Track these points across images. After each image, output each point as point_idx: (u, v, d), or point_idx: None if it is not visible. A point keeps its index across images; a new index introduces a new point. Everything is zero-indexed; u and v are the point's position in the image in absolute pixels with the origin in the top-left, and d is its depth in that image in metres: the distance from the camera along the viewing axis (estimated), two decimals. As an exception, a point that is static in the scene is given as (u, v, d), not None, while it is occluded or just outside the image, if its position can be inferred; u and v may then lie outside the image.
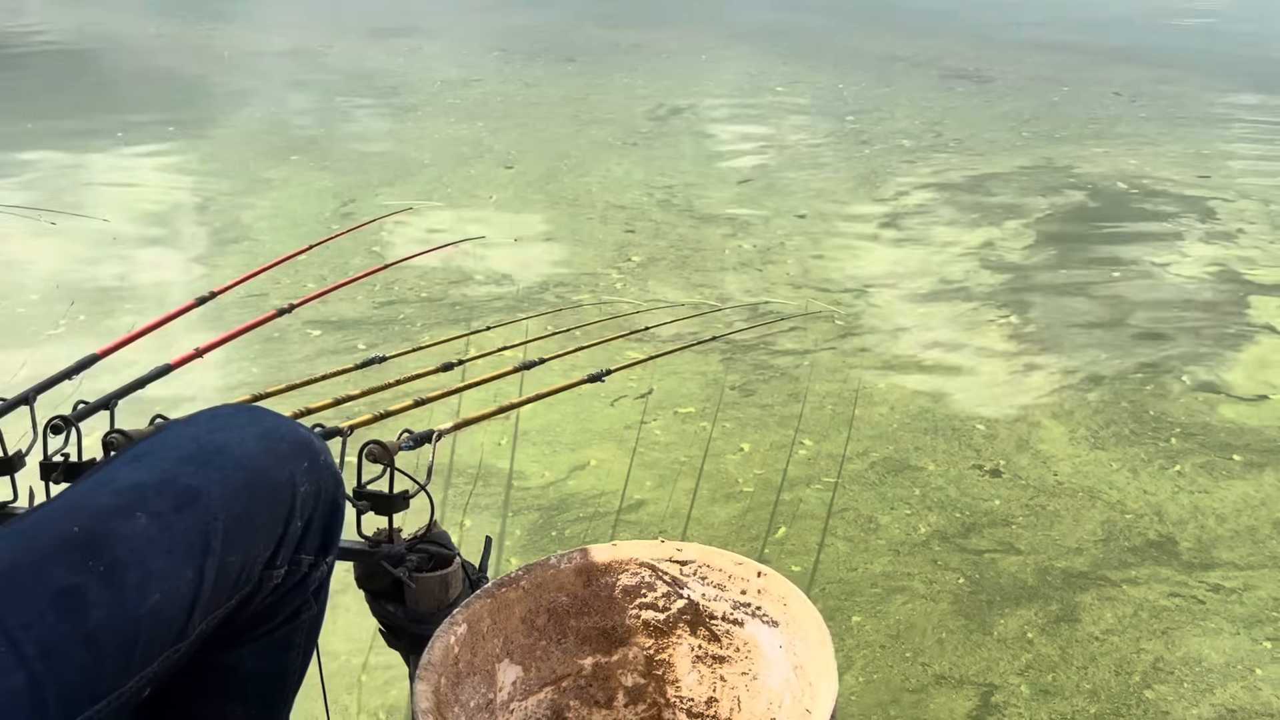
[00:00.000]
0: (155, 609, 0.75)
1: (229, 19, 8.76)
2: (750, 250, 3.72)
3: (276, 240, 3.72)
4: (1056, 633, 1.88)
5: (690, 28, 8.69)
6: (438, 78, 6.60)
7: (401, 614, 1.08)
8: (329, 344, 2.90)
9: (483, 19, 9.07)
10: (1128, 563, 2.07)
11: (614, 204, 4.19)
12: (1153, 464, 2.41)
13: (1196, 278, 3.56)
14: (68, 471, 1.05)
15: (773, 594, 1.05)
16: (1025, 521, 2.20)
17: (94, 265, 3.48)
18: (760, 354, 2.91)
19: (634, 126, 5.44)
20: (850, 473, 2.35)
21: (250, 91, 6.18)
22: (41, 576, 0.72)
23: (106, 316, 3.09)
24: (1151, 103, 6.23)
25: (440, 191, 4.31)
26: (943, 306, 3.30)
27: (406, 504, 1.08)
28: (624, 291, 3.31)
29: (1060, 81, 6.75)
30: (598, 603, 1.11)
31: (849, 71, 7.01)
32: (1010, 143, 5.29)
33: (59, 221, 3.80)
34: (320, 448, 0.93)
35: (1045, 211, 4.23)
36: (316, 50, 7.47)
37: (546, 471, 2.32)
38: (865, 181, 4.58)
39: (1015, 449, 2.47)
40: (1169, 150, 5.17)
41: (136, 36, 7.89)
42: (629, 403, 2.61)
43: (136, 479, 0.81)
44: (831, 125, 5.59)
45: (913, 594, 1.97)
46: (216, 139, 5.14)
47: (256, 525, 0.85)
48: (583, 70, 6.89)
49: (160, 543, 0.77)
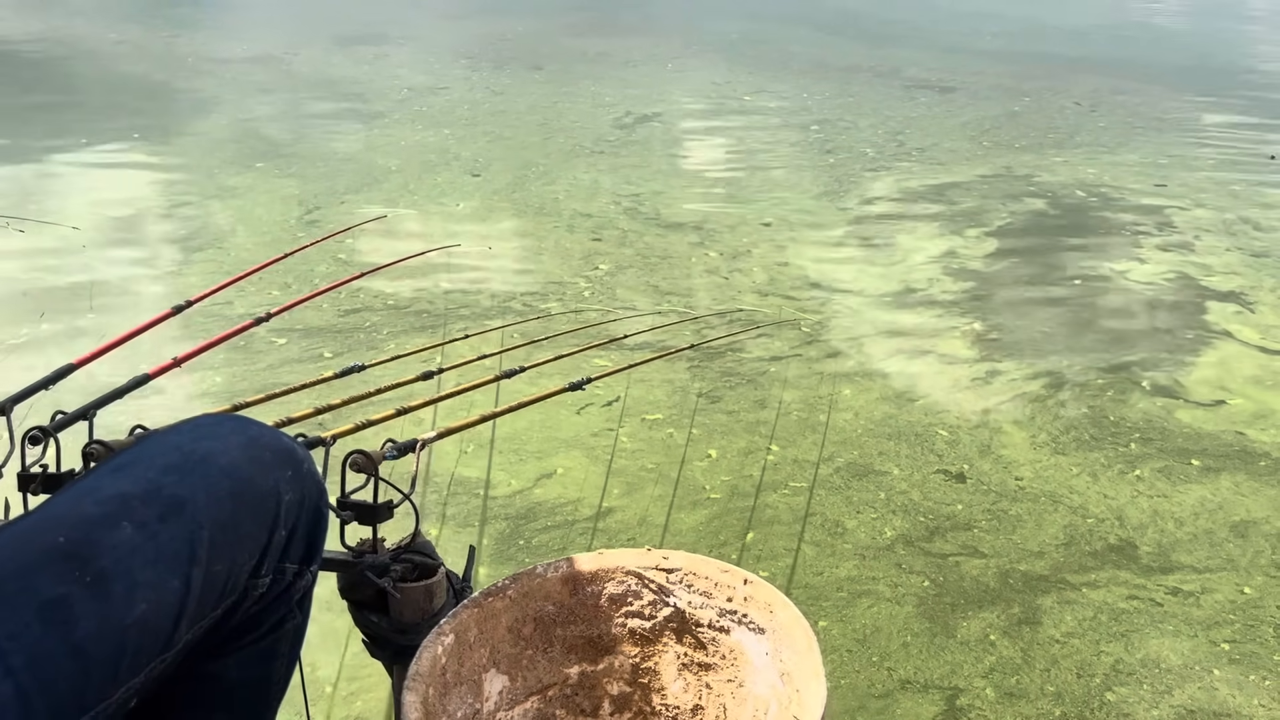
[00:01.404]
0: (142, 619, 0.75)
1: (192, 25, 8.67)
2: (716, 258, 3.74)
3: (241, 248, 3.68)
4: (1019, 635, 1.90)
5: (657, 37, 8.73)
6: (404, 85, 6.57)
7: (385, 624, 1.07)
8: (294, 352, 2.88)
9: (449, 27, 9.05)
10: (1088, 566, 2.10)
11: (581, 212, 4.19)
12: (1112, 469, 2.45)
13: (1154, 284, 3.62)
14: (46, 483, 1.04)
15: (759, 601, 1.05)
16: (988, 525, 2.22)
17: (61, 273, 3.43)
18: (727, 361, 2.92)
19: (601, 135, 5.45)
20: (816, 477, 2.37)
21: (214, 98, 6.12)
22: (27, 587, 0.71)
23: (75, 321, 3.04)
24: (1110, 112, 6.35)
25: (406, 199, 4.29)
26: (906, 313, 3.33)
27: (391, 514, 1.07)
28: (592, 300, 3.31)
29: (1021, 91, 6.85)
30: (584, 611, 1.11)
31: (814, 81, 7.07)
32: (971, 152, 5.36)
33: (26, 229, 3.74)
34: (304, 456, 0.93)
35: (1006, 220, 4.29)
36: (281, 57, 7.41)
37: (514, 480, 2.32)
38: (829, 190, 4.62)
39: (978, 454, 2.50)
40: (1126, 159, 5.27)
41: (99, 42, 7.78)
42: (596, 410, 2.61)
43: (121, 489, 0.80)
44: (796, 134, 5.64)
45: (878, 597, 1.99)
46: (181, 146, 5.08)
47: (242, 534, 0.84)
48: (550, 79, 6.90)
49: (146, 552, 0.77)
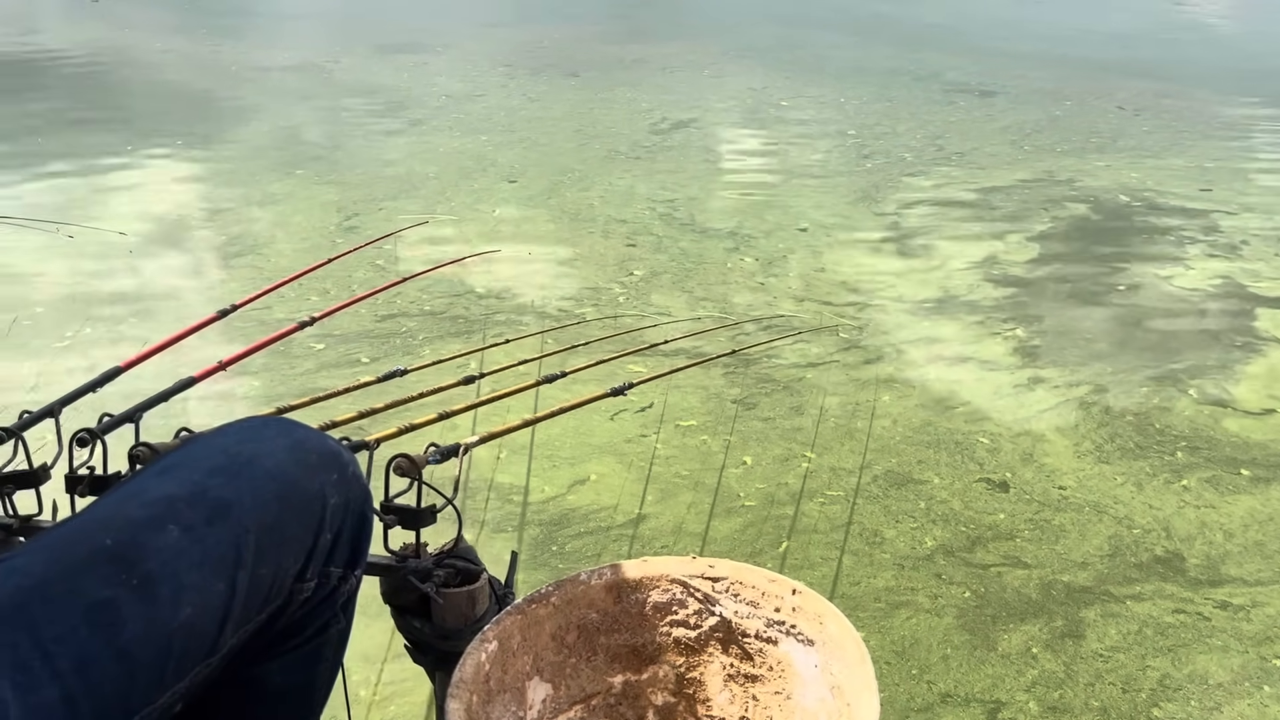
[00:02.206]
0: (188, 623, 0.75)
1: (235, 35, 8.82)
2: (752, 264, 3.72)
3: (280, 254, 3.73)
4: (1062, 649, 1.86)
5: (694, 43, 8.73)
6: (442, 92, 6.62)
7: (428, 630, 1.07)
8: (332, 357, 2.90)
9: (487, 35, 9.11)
10: (1133, 578, 2.05)
11: (616, 218, 4.19)
12: (1158, 478, 2.40)
13: (1201, 290, 3.55)
14: (93, 484, 1.05)
15: (808, 612, 1.03)
16: (1030, 536, 2.18)
17: (107, 277, 3.49)
18: (763, 367, 2.90)
19: (637, 141, 5.45)
20: (853, 486, 2.34)
21: (257, 106, 6.21)
22: (74, 590, 0.71)
23: (119, 325, 3.09)
24: (1154, 116, 6.24)
25: (444, 205, 4.31)
26: (946, 319, 3.29)
27: (434, 518, 1.06)
28: (627, 305, 3.31)
29: (1063, 95, 6.76)
30: (628, 619, 1.09)
31: (851, 86, 7.03)
32: (1012, 156, 5.29)
33: (74, 234, 3.82)
34: (349, 459, 0.93)
35: (1047, 225, 4.22)
36: (323, 65, 7.50)
37: (548, 485, 2.31)
38: (867, 195, 4.58)
39: (1020, 462, 2.46)
40: (1171, 163, 5.17)
41: (145, 52, 7.93)
42: (630, 416, 2.60)
43: (167, 491, 0.80)
44: (833, 139, 5.60)
45: (918, 608, 1.96)
46: (223, 153, 5.16)
47: (287, 537, 0.84)
48: (586, 85, 6.92)
49: (192, 555, 0.77)
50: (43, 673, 0.67)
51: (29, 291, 3.36)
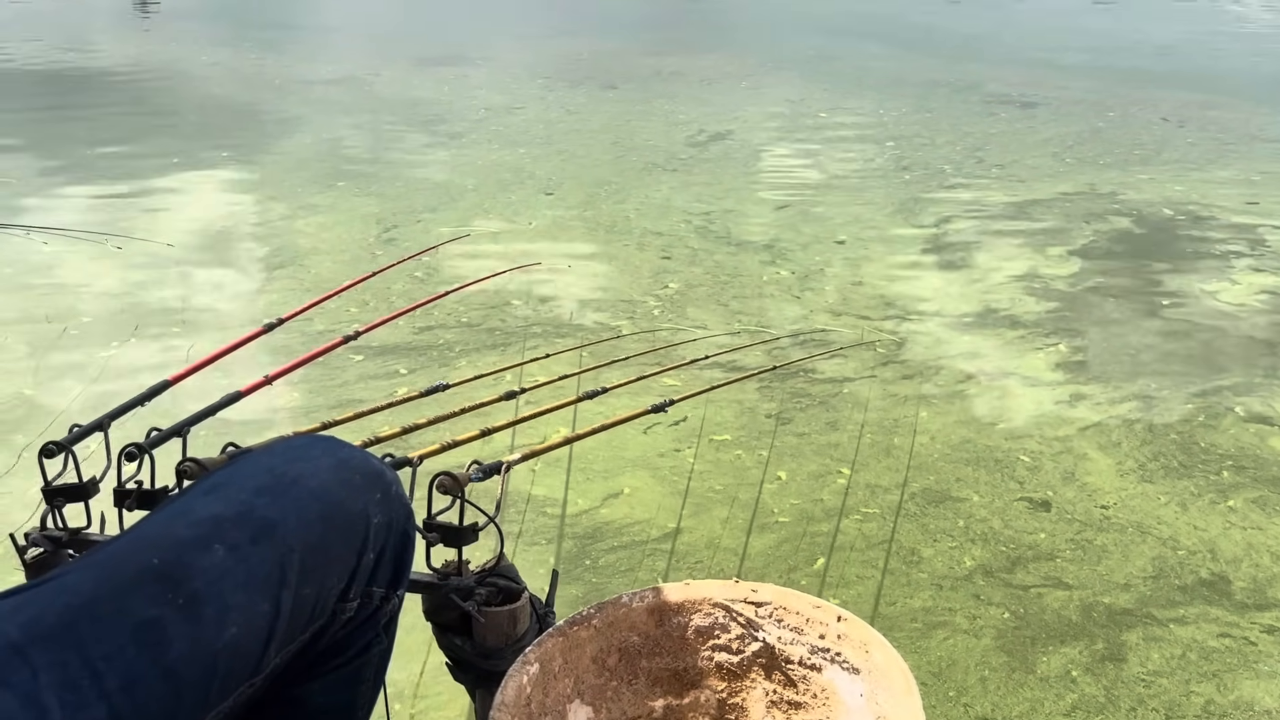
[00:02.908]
0: (233, 642, 0.75)
1: (279, 48, 8.96)
2: (788, 277, 3.70)
3: (321, 265, 3.77)
4: (1102, 672, 1.82)
5: (732, 55, 8.73)
6: (481, 105, 6.68)
7: (469, 648, 1.07)
8: (370, 369, 2.93)
9: (527, 48, 9.18)
10: (1176, 601, 2.01)
11: (651, 230, 4.20)
12: (1203, 498, 2.35)
13: (1247, 306, 3.47)
14: (141, 499, 1.06)
15: (854, 639, 1.02)
16: (1071, 556, 2.15)
17: (154, 288, 3.55)
18: (798, 382, 2.89)
19: (673, 153, 5.46)
20: (890, 503, 2.32)
21: (300, 119, 6.30)
22: (122, 609, 0.72)
23: (166, 337, 3.15)
24: (1199, 128, 6.13)
25: (481, 217, 4.35)
26: (986, 334, 3.25)
27: (476, 536, 1.06)
28: (661, 319, 3.31)
29: (1106, 107, 6.67)
30: (670, 643, 1.09)
31: (890, 97, 6.99)
32: (1053, 168, 5.23)
33: (123, 245, 3.90)
34: (392, 479, 0.93)
35: (1090, 238, 4.16)
36: (364, 78, 7.60)
37: (580, 499, 2.31)
38: (905, 208, 4.55)
39: (1061, 481, 2.42)
40: (1217, 176, 5.08)
41: (191, 65, 8.09)
42: (663, 430, 2.60)
43: (214, 510, 0.81)
44: (871, 151, 5.57)
45: (955, 629, 1.93)
46: (266, 165, 5.24)
47: (331, 557, 0.84)
48: (624, 97, 6.94)
49: (237, 575, 0.77)
50: (91, 691, 0.68)
51: (77, 301, 3.43)
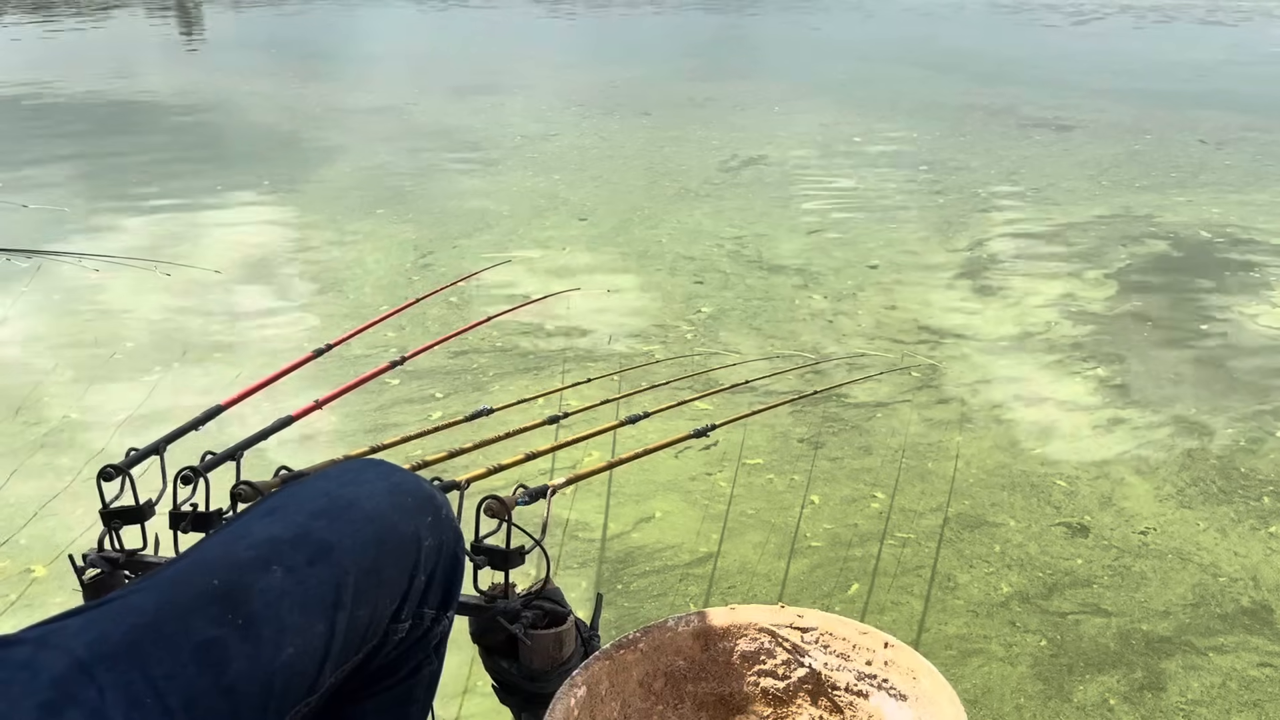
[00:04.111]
0: (289, 662, 0.77)
1: (320, 78, 9.14)
2: (821, 302, 3.71)
3: (359, 291, 3.84)
4: (1140, 701, 1.80)
5: (764, 80, 8.77)
6: (517, 133, 6.76)
7: (515, 670, 1.08)
8: (405, 393, 2.97)
9: (562, 76, 9.29)
10: (1215, 629, 1.98)
11: (683, 255, 4.22)
12: (1243, 524, 2.31)
13: (1290, 330, 3.42)
14: (196, 521, 1.09)
15: (901, 666, 1.02)
16: (1109, 582, 2.12)
17: (200, 314, 3.63)
18: (831, 406, 2.89)
19: (706, 178, 5.49)
20: (925, 529, 2.31)
21: (339, 147, 6.42)
22: (184, 629, 0.74)
23: (210, 363, 3.22)
24: (1238, 150, 6.06)
25: (515, 243, 4.40)
26: (1022, 358, 3.23)
27: (523, 559, 1.08)
28: (694, 343, 3.32)
29: (1142, 129, 6.61)
30: (715, 668, 1.09)
31: (924, 121, 6.98)
32: (1090, 191, 5.19)
33: (171, 273, 3.99)
34: (442, 502, 0.95)
35: (1126, 261, 4.13)
36: (402, 107, 7.73)
37: (612, 523, 2.32)
38: (939, 231, 4.54)
39: (1098, 506, 2.40)
40: (1256, 198, 5.02)
41: (233, 94, 8.28)
42: (694, 454, 2.61)
43: (272, 533, 0.84)
44: (905, 175, 5.56)
45: (990, 656, 1.92)
46: (307, 193, 5.34)
47: (384, 579, 0.86)
48: (657, 124, 7.00)
49: (294, 596, 0.79)
50: (154, 709, 0.70)
51: (126, 326, 3.52)
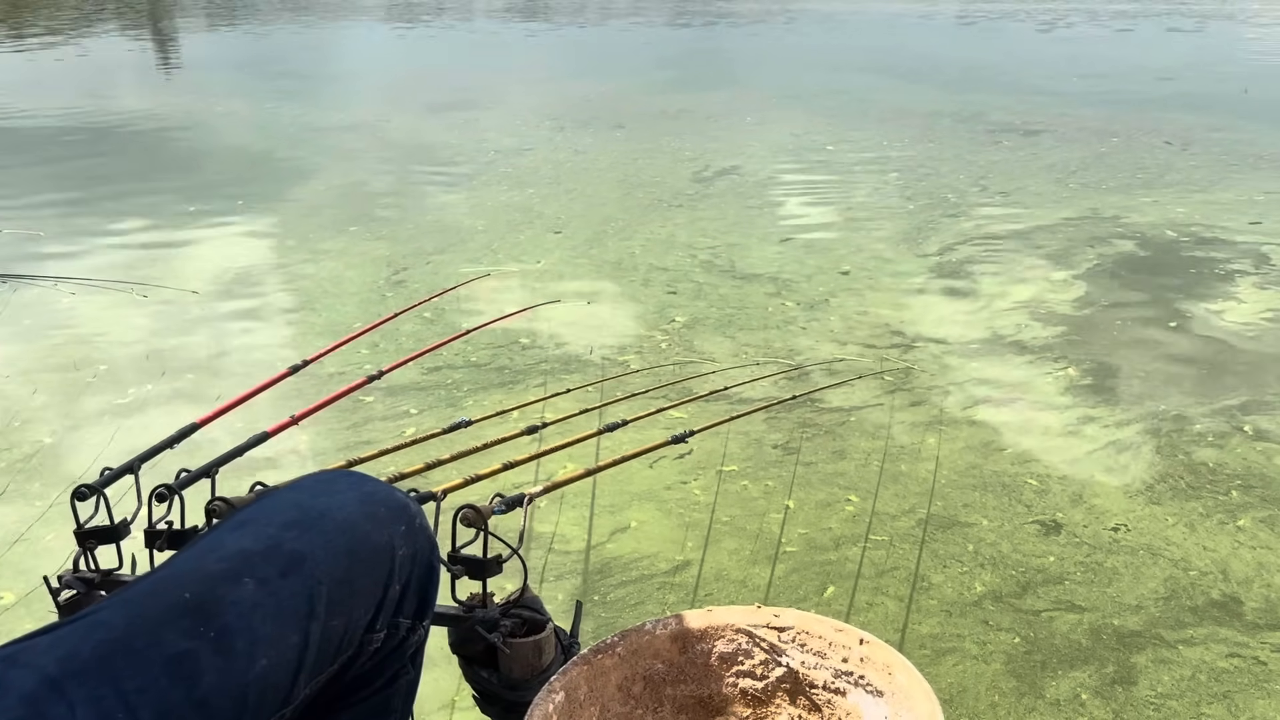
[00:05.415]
0: (263, 674, 0.77)
1: (292, 97, 9.13)
2: (794, 309, 3.73)
3: (333, 308, 3.83)
4: (1112, 695, 1.82)
5: (737, 92, 8.84)
6: (491, 148, 6.78)
7: (495, 680, 1.08)
8: (381, 409, 2.97)
9: (536, 90, 9.32)
10: (1186, 623, 2.00)
11: (657, 266, 4.24)
12: (1211, 518, 2.35)
13: (1253, 325, 3.47)
14: (171, 539, 1.08)
15: (876, 663, 1.03)
16: (1081, 579, 2.14)
17: (176, 335, 3.61)
18: (804, 411, 2.90)
19: (679, 189, 5.52)
20: (899, 530, 2.33)
21: (313, 165, 6.41)
22: (155, 642, 0.74)
23: (176, 383, 3.20)
24: (1203, 150, 6.15)
25: (490, 258, 4.40)
26: (992, 360, 3.26)
27: (500, 568, 1.08)
28: (669, 353, 3.34)
29: (1110, 132, 6.70)
30: (694, 670, 1.09)
31: (894, 129, 7.05)
32: (1057, 195, 5.26)
33: (148, 294, 3.97)
34: (416, 511, 0.95)
35: (1094, 262, 4.18)
36: (376, 124, 7.73)
37: (587, 534, 2.33)
38: (909, 237, 4.58)
39: (1069, 504, 2.42)
40: (1220, 197, 5.09)
41: (206, 115, 8.25)
42: (669, 463, 2.62)
43: (243, 545, 0.83)
44: (875, 182, 5.61)
45: (965, 655, 1.93)
46: (281, 211, 5.33)
47: (358, 589, 0.86)
48: (631, 136, 7.03)
49: (267, 608, 0.79)
50: None
51: (101, 350, 3.50)
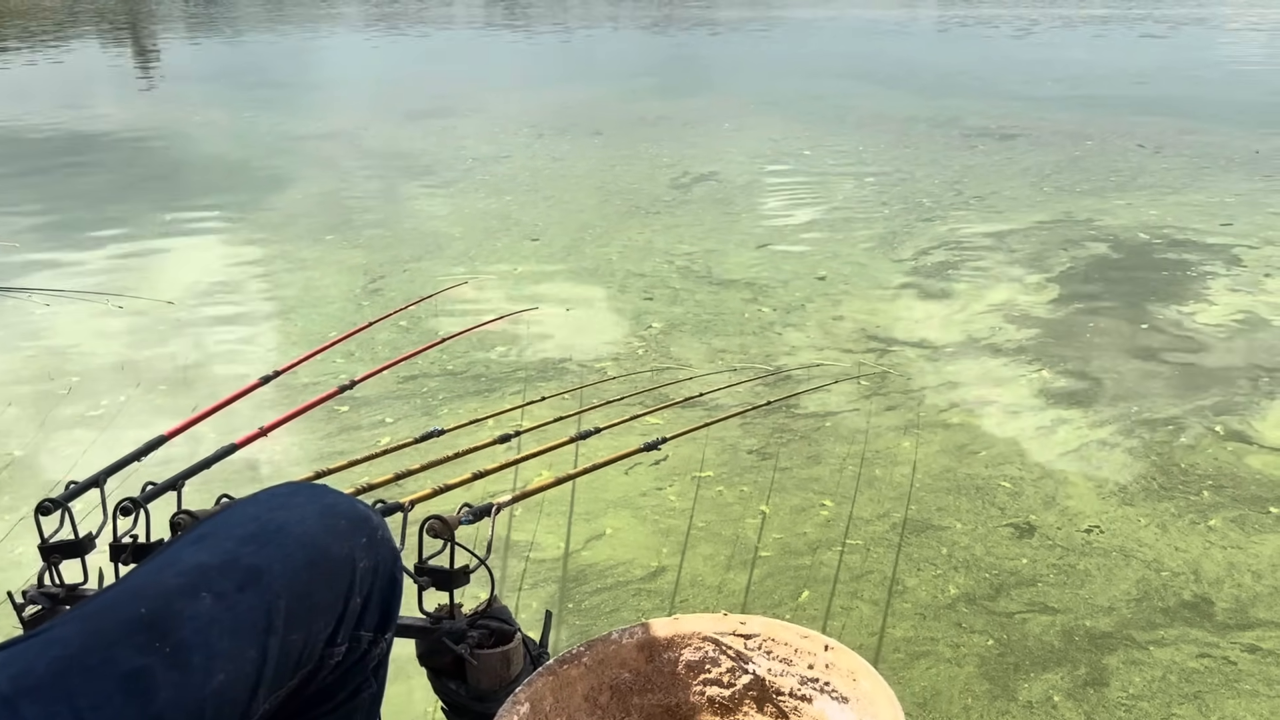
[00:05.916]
0: (220, 689, 0.76)
1: (271, 106, 9.09)
2: (770, 314, 3.74)
3: (308, 317, 3.81)
4: (1083, 697, 1.82)
5: (715, 98, 8.86)
6: (469, 155, 6.77)
7: (464, 692, 1.07)
8: (354, 420, 2.95)
9: (515, 98, 9.31)
10: (1157, 623, 2.01)
11: (634, 272, 4.24)
12: (1183, 519, 2.36)
13: (1224, 326, 3.51)
14: (136, 553, 1.07)
15: (841, 668, 1.02)
16: (1055, 580, 2.15)
17: (151, 346, 3.58)
18: (779, 417, 2.91)
19: (657, 196, 5.52)
20: (873, 535, 2.33)
21: (290, 174, 6.38)
22: (109, 659, 0.73)
23: (153, 395, 3.17)
24: (1176, 153, 6.21)
25: (466, 265, 4.39)
26: (966, 363, 3.28)
27: (467, 579, 1.07)
28: (645, 359, 3.33)
29: (1084, 136, 6.76)
30: (661, 679, 1.08)
31: (870, 134, 7.09)
32: (1031, 198, 5.29)
33: (124, 305, 3.94)
34: (378, 523, 0.94)
35: (1067, 265, 4.21)
36: (354, 132, 7.71)
37: (561, 542, 2.32)
38: (885, 242, 4.60)
39: (1042, 506, 2.43)
40: (1192, 199, 5.14)
41: (184, 125, 8.20)
42: (644, 470, 2.61)
43: (200, 560, 0.82)
44: (852, 187, 5.64)
45: (938, 658, 1.93)
46: (258, 220, 5.30)
47: (317, 603, 0.86)
48: (609, 143, 7.04)
49: (224, 622, 0.78)
50: None
51: (75, 361, 3.46)
